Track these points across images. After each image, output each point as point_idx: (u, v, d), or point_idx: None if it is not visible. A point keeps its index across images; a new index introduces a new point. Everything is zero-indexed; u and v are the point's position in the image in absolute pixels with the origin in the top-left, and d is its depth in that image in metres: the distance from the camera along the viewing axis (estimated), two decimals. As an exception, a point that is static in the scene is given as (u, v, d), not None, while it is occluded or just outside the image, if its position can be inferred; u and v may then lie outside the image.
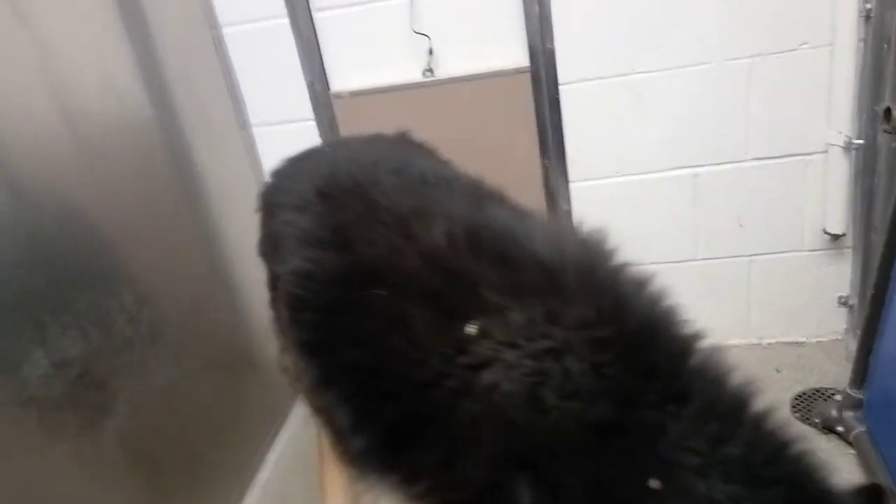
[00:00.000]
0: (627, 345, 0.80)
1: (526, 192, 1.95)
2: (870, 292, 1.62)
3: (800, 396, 1.91)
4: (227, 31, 2.04)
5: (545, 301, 0.83)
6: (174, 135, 1.83)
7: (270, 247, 1.34)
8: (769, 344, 2.15)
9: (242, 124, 2.13)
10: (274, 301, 1.35)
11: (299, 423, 2.19)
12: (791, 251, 2.04)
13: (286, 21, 1.99)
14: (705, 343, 0.83)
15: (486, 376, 0.80)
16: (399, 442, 0.87)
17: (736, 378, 0.81)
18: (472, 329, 0.84)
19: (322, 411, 1.08)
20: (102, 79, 1.56)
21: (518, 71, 1.95)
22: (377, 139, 1.53)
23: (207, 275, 1.88)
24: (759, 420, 0.78)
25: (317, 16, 1.98)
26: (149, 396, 1.55)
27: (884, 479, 1.52)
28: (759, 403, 0.79)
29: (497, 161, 1.92)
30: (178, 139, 1.84)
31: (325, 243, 1.08)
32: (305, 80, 2.05)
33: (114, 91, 1.60)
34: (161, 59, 1.79)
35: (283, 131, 2.13)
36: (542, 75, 1.95)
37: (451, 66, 2.00)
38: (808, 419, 1.83)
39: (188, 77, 1.90)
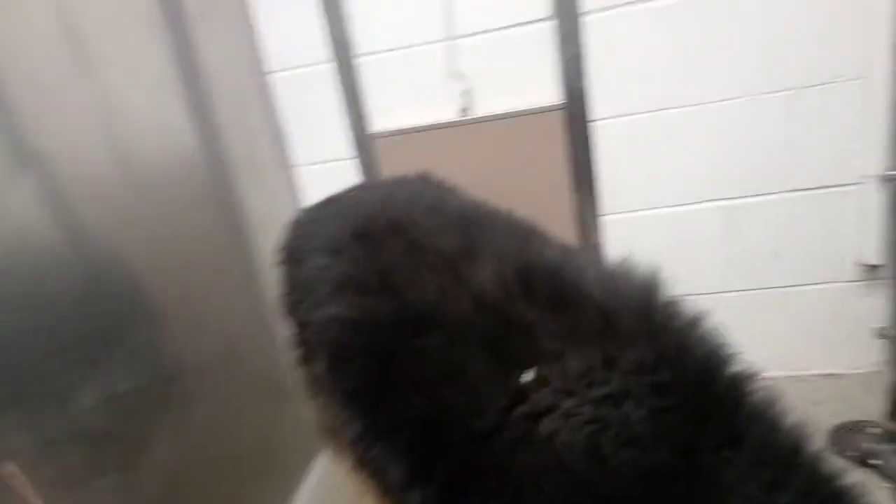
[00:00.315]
0: (686, 388, 0.78)
1: (557, 224, 2.00)
2: (907, 326, 1.62)
3: (837, 429, 1.90)
4: (275, 77, 2.14)
5: (602, 345, 0.83)
6: (222, 176, 1.93)
7: (299, 297, 1.25)
8: (807, 376, 2.14)
9: (286, 164, 2.23)
10: (305, 355, 1.29)
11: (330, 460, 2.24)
12: (827, 282, 2.04)
13: (330, 66, 2.09)
14: (760, 382, 0.81)
15: (546, 425, 0.79)
16: (456, 495, 0.84)
17: (790, 419, 0.79)
18: (529, 377, 0.82)
19: (367, 465, 1.01)
20: (158, 124, 1.66)
21: (552, 108, 2.01)
22: (400, 181, 1.51)
23: (251, 308, 1.97)
24: (814, 465, 0.75)
25: (359, 61, 2.07)
26: (188, 432, 1.61)
27: (921, 518, 1.51)
28: (813, 446, 0.77)
29: (530, 195, 1.97)
30: (226, 180, 1.94)
31: (370, 287, 1.04)
32: (348, 121, 2.14)
33: (168, 136, 1.70)
34: (212, 105, 1.90)
35: (325, 170, 2.23)
36: (576, 112, 2.00)
37: (487, 104, 2.06)
38: (844, 452, 1.82)
39: (237, 121, 2.01)
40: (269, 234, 2.08)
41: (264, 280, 2.06)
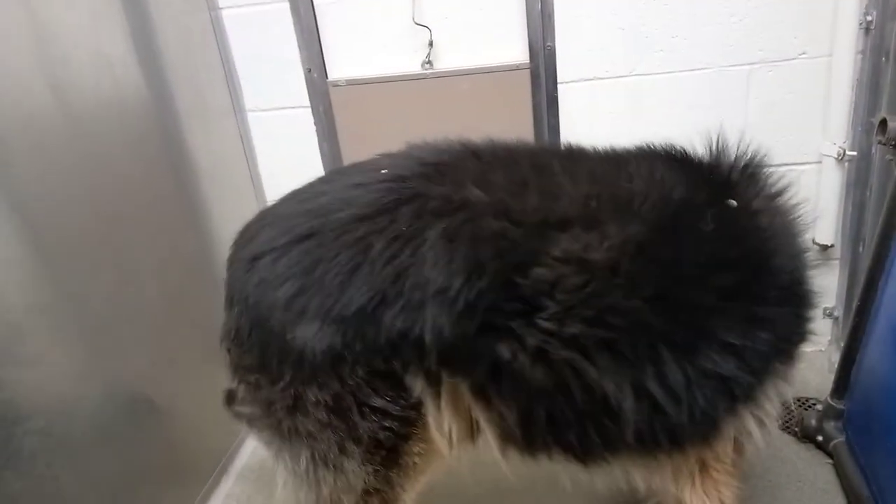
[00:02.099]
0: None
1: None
2: (855, 304, 1.62)
3: (781, 405, 1.92)
4: (227, 14, 2.02)
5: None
6: (168, 115, 1.82)
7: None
8: (754, 352, 2.14)
9: (237, 109, 2.11)
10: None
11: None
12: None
13: (286, 5, 1.97)
14: None
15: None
16: None
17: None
18: None
19: None
20: (97, 56, 1.55)
21: (518, 67, 1.95)
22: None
23: (194, 258, 1.87)
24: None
25: (318, 2, 1.97)
26: (126, 379, 1.54)
27: (862, 490, 1.53)
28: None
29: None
30: (172, 120, 1.83)
31: None
32: (303, 66, 2.04)
33: (108, 69, 1.58)
34: (157, 39, 1.78)
35: (278, 117, 2.12)
36: (542, 73, 1.94)
37: (451, 59, 1.99)
38: (788, 428, 1.84)
39: (184, 58, 1.89)
40: (216, 182, 1.98)
41: (211, 225, 1.96)
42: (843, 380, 1.70)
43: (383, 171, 1.18)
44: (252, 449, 2.03)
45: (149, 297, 1.64)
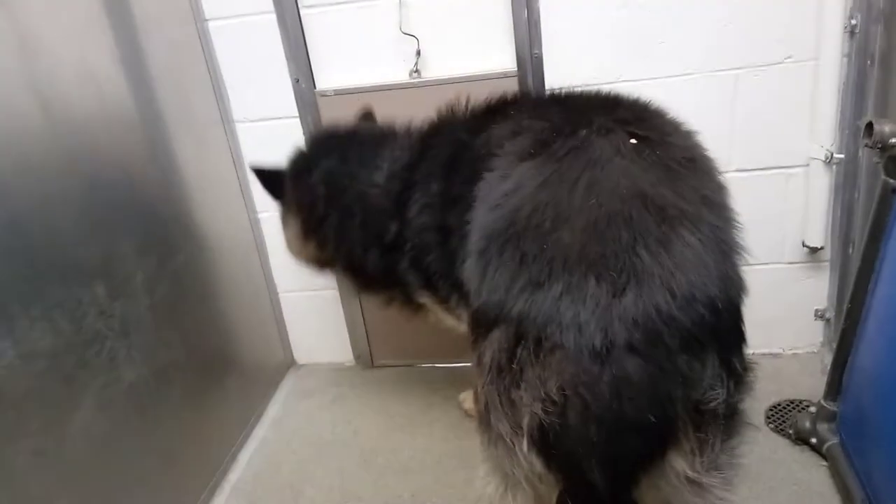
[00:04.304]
0: None
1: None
2: (846, 306, 1.63)
3: (775, 408, 1.92)
4: (213, 25, 2.01)
5: None
6: (155, 128, 1.80)
7: None
8: (746, 355, 2.15)
9: (225, 120, 2.10)
10: None
11: (272, 425, 2.18)
12: (770, 263, 2.05)
13: (273, 17, 1.97)
14: None
15: None
16: None
17: None
18: None
19: None
20: (82, 70, 1.53)
21: (506, 75, 1.95)
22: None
23: (184, 270, 1.86)
24: None
25: (304, 12, 1.96)
26: (118, 392, 1.52)
27: (857, 492, 1.53)
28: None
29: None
30: (160, 132, 1.82)
31: None
32: (291, 77, 2.03)
33: (94, 82, 1.57)
34: (144, 52, 1.77)
35: (267, 128, 2.11)
36: (530, 80, 1.94)
37: (439, 68, 1.99)
38: (782, 430, 1.84)
39: (172, 70, 1.88)
40: (205, 193, 1.97)
41: (202, 237, 1.95)
42: (836, 382, 1.70)
43: None
44: (247, 461, 2.02)
45: (140, 312, 1.62)
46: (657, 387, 0.91)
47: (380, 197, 1.59)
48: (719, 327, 0.97)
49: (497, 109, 1.49)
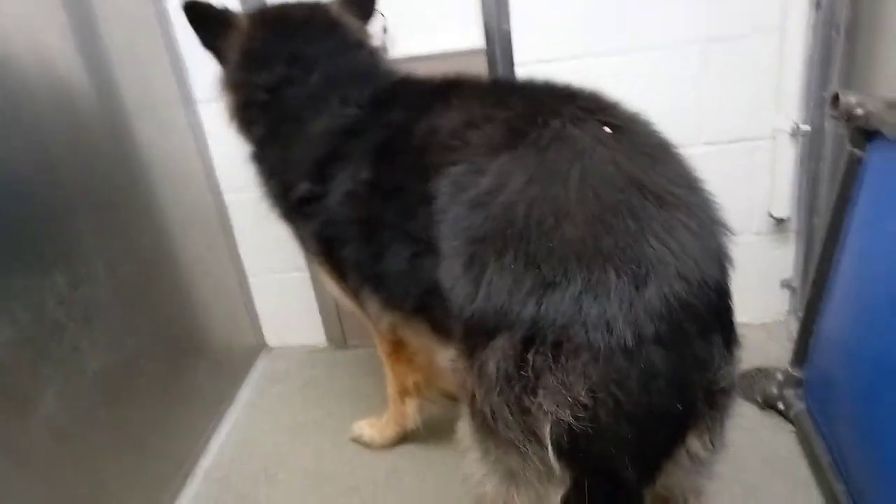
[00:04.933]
0: None
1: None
2: (812, 275, 1.66)
3: (742, 375, 1.96)
4: (172, 2, 1.94)
5: None
6: (113, 108, 1.75)
7: None
8: (714, 325, 2.18)
9: (186, 99, 2.04)
10: None
11: (244, 410, 2.15)
12: (737, 235, 2.06)
13: (234, -9, 1.90)
14: None
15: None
16: None
17: None
18: None
19: None
20: (35, 49, 1.48)
21: (473, 52, 1.92)
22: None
23: (149, 255, 1.81)
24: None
25: (266, -13, 1.90)
26: (83, 382, 1.49)
27: (824, 456, 1.57)
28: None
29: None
30: (118, 112, 1.76)
31: None
32: (254, 54, 1.97)
33: (49, 64, 1.52)
34: (100, 31, 1.71)
35: (230, 107, 2.05)
36: (498, 56, 1.92)
37: (407, 45, 1.95)
38: (750, 397, 1.87)
39: (129, 48, 1.82)
40: (168, 175, 1.92)
41: (166, 221, 1.90)
42: (802, 349, 1.74)
43: None
44: (220, 446, 2.00)
45: (103, 298, 1.58)
46: (681, 375, 0.91)
47: (304, 150, 1.48)
48: (722, 308, 0.98)
49: (433, 95, 1.38)
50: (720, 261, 1.01)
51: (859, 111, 1.38)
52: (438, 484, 1.76)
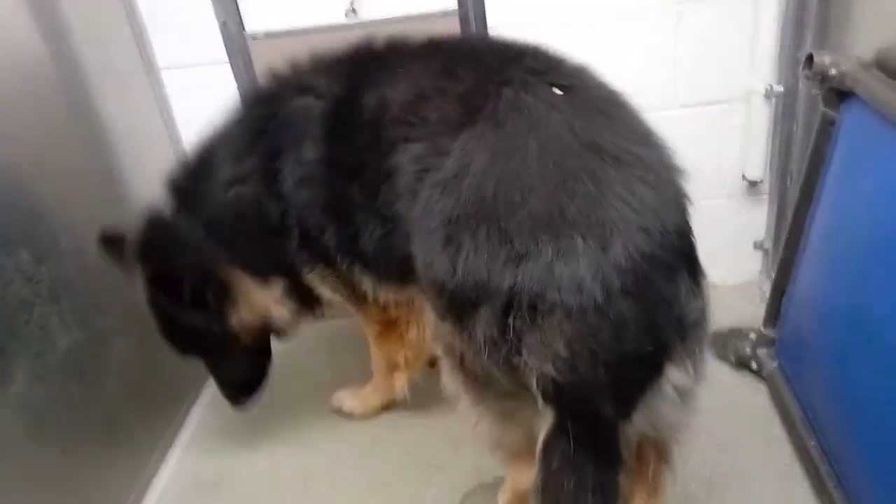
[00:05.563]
0: None
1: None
2: (784, 236, 1.68)
3: (716, 335, 1.98)
4: (130, -34, 1.86)
5: None
6: (72, 77, 1.69)
7: None
8: (688, 287, 2.20)
9: (149, 67, 1.97)
10: None
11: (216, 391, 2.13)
12: (710, 197, 2.08)
13: (195, -48, 1.83)
14: None
15: None
16: None
17: None
18: None
19: None
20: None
21: (445, 13, 1.88)
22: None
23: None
24: None
25: (229, -54, 1.83)
26: (53, 361, 1.46)
27: (796, 412, 1.60)
28: None
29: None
30: (77, 81, 1.70)
31: None
32: (217, 19, 1.90)
33: (2, 30, 1.45)
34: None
35: (195, 74, 1.99)
36: (471, 18, 1.88)
37: (376, 6, 1.90)
38: (723, 356, 1.90)
39: (87, 16, 1.74)
40: (132, 146, 1.87)
41: (132, 193, 1.85)
42: (775, 309, 1.77)
43: None
44: (199, 419, 1.99)
45: (69, 275, 1.54)
46: (649, 319, 0.99)
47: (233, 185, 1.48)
48: (684, 248, 1.06)
49: (370, 61, 1.40)
50: (679, 205, 1.08)
51: (833, 72, 1.38)
52: (420, 449, 1.78)
